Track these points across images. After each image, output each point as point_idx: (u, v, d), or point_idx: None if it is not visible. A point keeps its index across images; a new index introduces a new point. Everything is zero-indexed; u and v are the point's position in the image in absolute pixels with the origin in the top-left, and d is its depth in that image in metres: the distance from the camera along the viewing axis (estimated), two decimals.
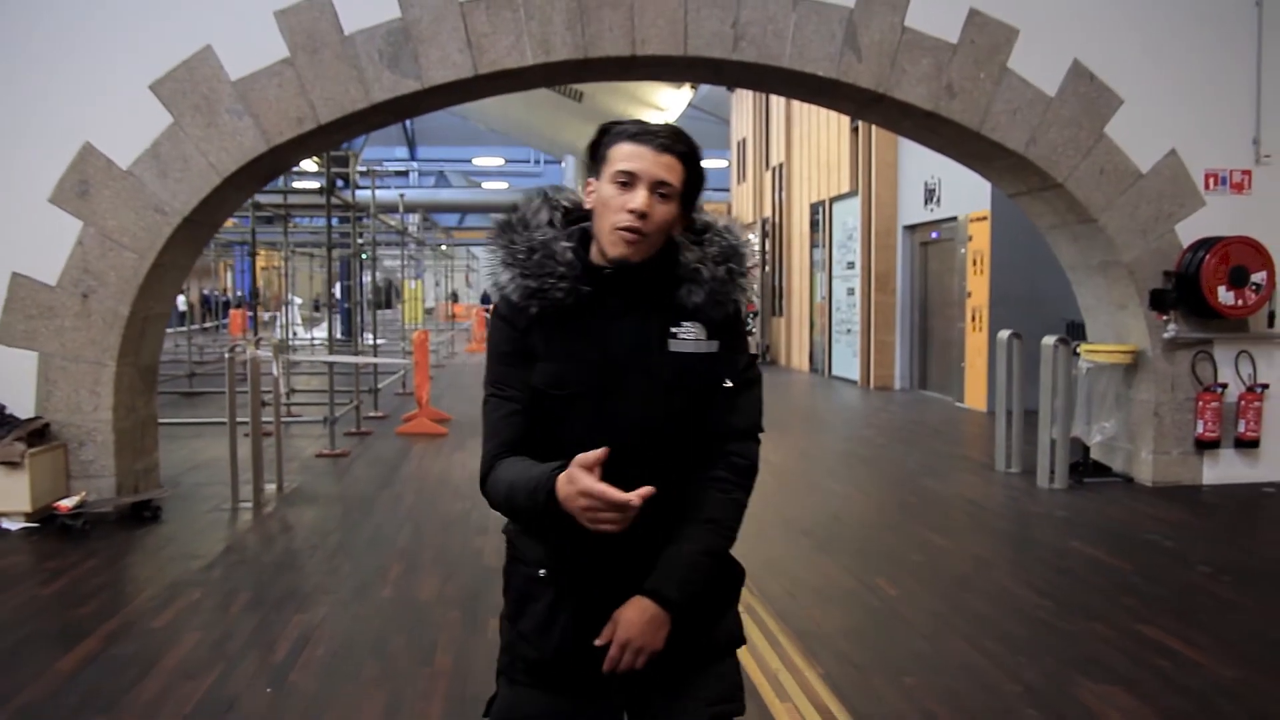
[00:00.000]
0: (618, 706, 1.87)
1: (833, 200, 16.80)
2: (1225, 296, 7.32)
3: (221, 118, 6.80)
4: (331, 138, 7.50)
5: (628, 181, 1.75)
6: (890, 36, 7.21)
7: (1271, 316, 7.63)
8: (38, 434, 6.65)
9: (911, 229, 14.79)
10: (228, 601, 4.95)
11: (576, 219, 1.87)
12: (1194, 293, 7.35)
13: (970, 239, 12.68)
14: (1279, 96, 7.63)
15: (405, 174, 38.45)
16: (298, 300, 25.22)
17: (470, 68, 6.90)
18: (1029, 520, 6.70)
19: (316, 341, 21.94)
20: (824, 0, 7.12)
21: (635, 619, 1.76)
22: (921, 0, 7.22)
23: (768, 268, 21.05)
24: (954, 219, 13.18)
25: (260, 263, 32.63)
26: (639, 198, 1.73)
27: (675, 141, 1.78)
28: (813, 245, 18.06)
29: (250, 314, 29.77)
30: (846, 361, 16.31)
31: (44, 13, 6.72)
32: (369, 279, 17.46)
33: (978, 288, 12.53)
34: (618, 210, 1.75)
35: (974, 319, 12.58)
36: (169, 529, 6.44)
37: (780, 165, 19.82)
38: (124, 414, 6.99)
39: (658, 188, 1.75)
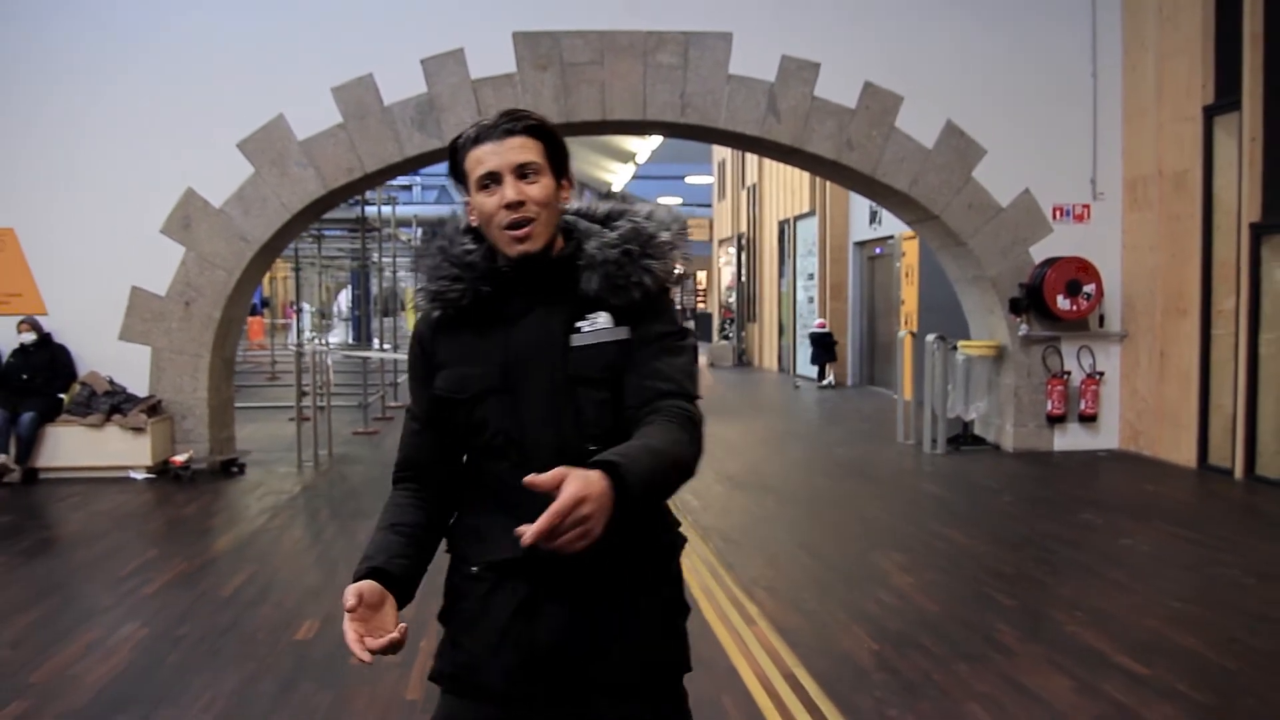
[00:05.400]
0: None
1: (796, 219, 18.96)
2: (1062, 303, 9.44)
3: (291, 169, 8.94)
4: (373, 182, 9.68)
5: (492, 182, 1.73)
6: (803, 103, 9.35)
7: (1102, 319, 9.75)
8: (152, 408, 8.77)
9: (860, 245, 16.95)
10: (314, 516, 7.10)
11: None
12: (1039, 300, 9.48)
13: (904, 254, 14.83)
14: (1110, 147, 9.73)
15: (409, 188, 40.58)
16: (309, 308, 27.39)
17: None
18: (902, 473, 8.85)
19: (332, 345, 24.08)
20: (750, 76, 9.27)
21: (581, 479, 1.43)
22: (827, 75, 9.36)
23: (744, 278, 23.24)
24: (891, 237, 15.33)
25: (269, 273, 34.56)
26: (508, 190, 1.71)
27: (516, 122, 1.75)
28: (781, 258, 20.22)
29: (269, 321, 31.87)
30: (807, 362, 18.43)
31: (157, 91, 8.82)
32: (377, 289, 19.59)
33: (909, 296, 14.67)
34: (495, 211, 1.72)
35: (906, 323, 14.71)
36: (253, 479, 8.57)
37: (754, 186, 21.99)
38: (214, 394, 9.13)
39: (521, 171, 1.72)
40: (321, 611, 4.81)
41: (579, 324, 1.75)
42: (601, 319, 1.76)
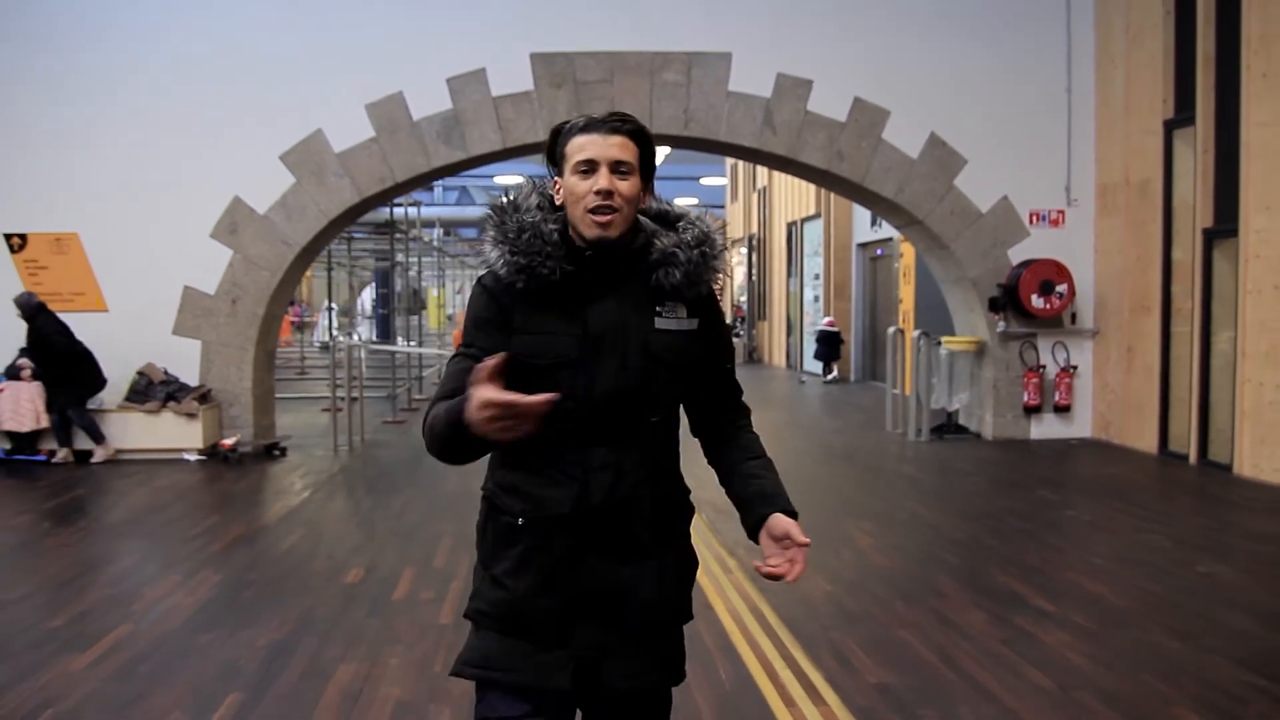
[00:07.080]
0: (573, 658, 1.96)
1: (803, 220, 19.74)
2: (1037, 302, 10.20)
3: (329, 179, 9.82)
4: (403, 189, 10.53)
5: (588, 169, 1.90)
6: (796, 117, 10.15)
7: (1074, 316, 10.50)
8: (202, 397, 9.67)
9: (863, 246, 17.72)
10: (353, 490, 7.98)
11: (560, 209, 1.99)
12: (1015, 299, 10.24)
13: (901, 255, 15.59)
14: (1083, 156, 10.48)
15: (431, 189, 41.56)
16: (335, 307, 28.41)
17: (500, 143, 9.90)
18: (885, 458, 9.64)
19: (357, 341, 25.04)
20: (748, 93, 10.08)
21: (794, 526, 2.01)
22: (819, 91, 10.15)
23: (754, 277, 24.03)
24: (891, 239, 16.08)
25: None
26: (602, 178, 1.89)
27: (623, 123, 1.93)
28: (789, 259, 21.00)
29: (294, 319, 32.87)
30: (812, 358, 19.20)
31: (207, 108, 9.71)
32: (401, 288, 20.48)
33: (907, 295, 15.43)
34: (585, 195, 1.90)
35: (903, 320, 15.46)
36: (294, 461, 9.45)
37: (764, 189, 22.77)
38: (257, 384, 10.01)
39: (617, 167, 1.90)
40: (365, 561, 5.66)
41: (659, 309, 1.99)
42: (678, 308, 2.01)
